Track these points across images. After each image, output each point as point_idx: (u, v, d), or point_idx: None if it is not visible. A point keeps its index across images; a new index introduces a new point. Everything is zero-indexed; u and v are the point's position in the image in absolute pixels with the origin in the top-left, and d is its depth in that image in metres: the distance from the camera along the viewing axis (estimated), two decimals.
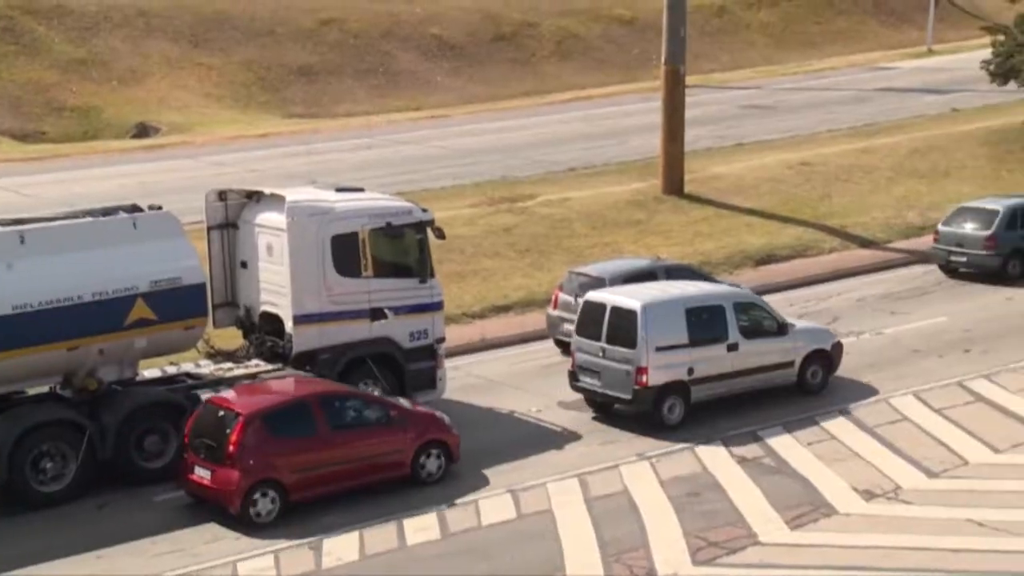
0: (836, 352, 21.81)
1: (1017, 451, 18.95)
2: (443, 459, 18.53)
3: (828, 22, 69.23)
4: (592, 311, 20.72)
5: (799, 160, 35.57)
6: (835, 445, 19.47)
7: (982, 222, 27.68)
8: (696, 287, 21.96)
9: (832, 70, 56.07)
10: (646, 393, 20.00)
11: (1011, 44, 38.00)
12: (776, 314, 21.53)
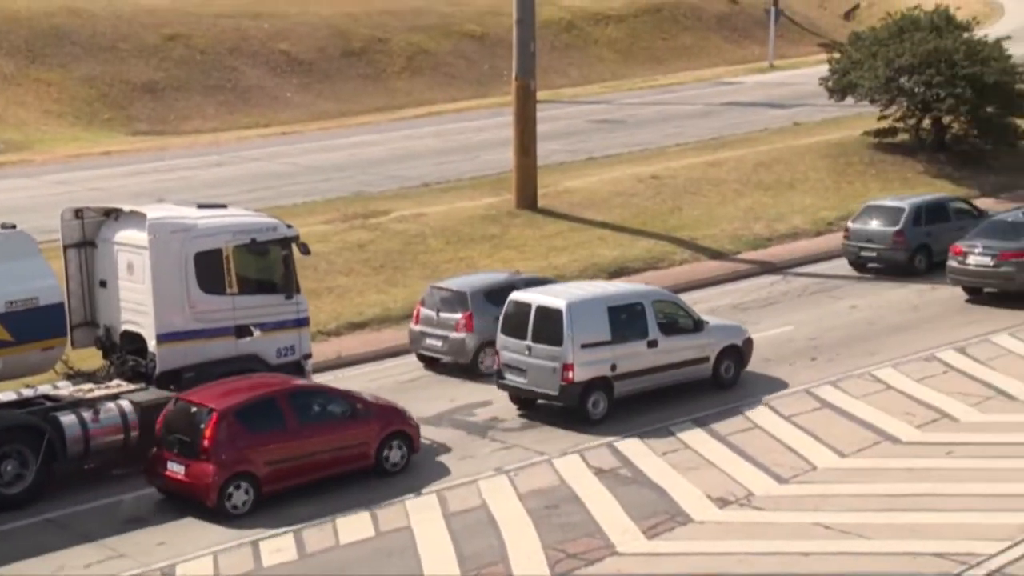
0: (747, 347, 22.74)
1: (862, 455, 19.52)
2: (405, 449, 19.28)
3: (674, 38, 70.64)
4: (517, 311, 21.31)
5: (649, 174, 36.17)
6: (689, 454, 19.80)
7: (890, 219, 29.00)
8: (616, 286, 23.04)
9: (679, 85, 57.19)
10: (572, 389, 20.69)
11: (847, 61, 39.27)
12: (692, 311, 22.39)
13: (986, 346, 23.92)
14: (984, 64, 36.46)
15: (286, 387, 18.92)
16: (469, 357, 23.43)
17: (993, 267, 26.42)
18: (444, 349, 23.68)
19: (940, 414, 20.93)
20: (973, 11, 55.31)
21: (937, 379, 22.46)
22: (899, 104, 37.68)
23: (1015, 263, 26.24)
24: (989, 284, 26.78)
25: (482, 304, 23.47)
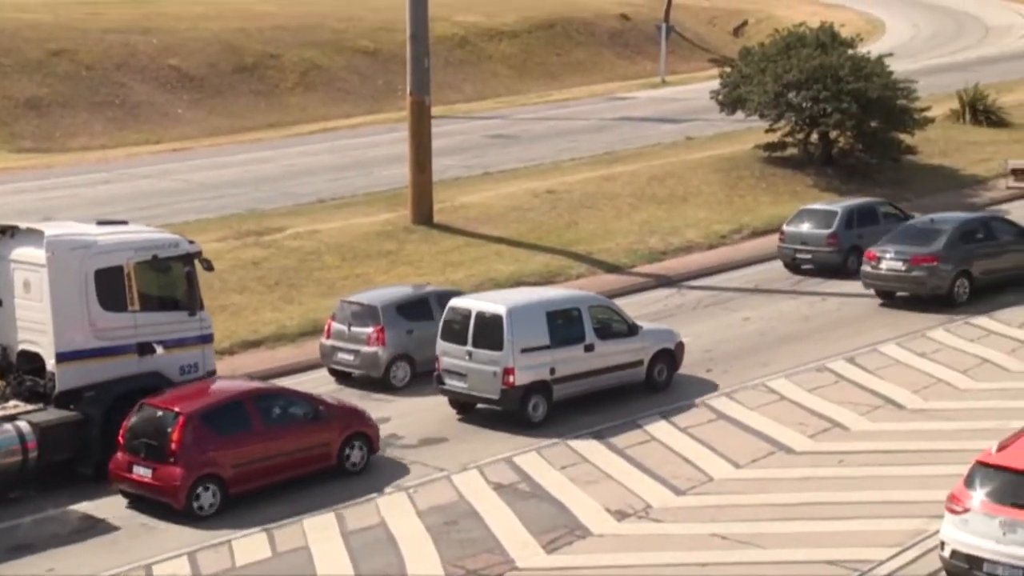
0: (679, 351, 23.39)
1: (756, 466, 19.80)
2: (365, 450, 19.85)
3: (567, 53, 71.15)
4: (457, 317, 21.81)
5: (545, 188, 36.36)
6: (587, 467, 19.90)
7: (823, 222, 30.32)
8: (553, 292, 23.97)
9: (573, 100, 57.61)
10: (513, 393, 21.21)
11: (736, 75, 39.92)
12: (626, 316, 22.98)
13: (874, 356, 24.44)
14: (868, 80, 37.33)
15: (251, 390, 19.53)
16: (381, 370, 23.54)
17: (905, 271, 27.22)
18: (356, 363, 23.76)
19: (832, 423, 21.32)
20: (856, 28, 56.66)
21: (828, 389, 22.89)
22: (788, 118, 38.38)
23: (926, 267, 27.05)
24: (901, 288, 27.58)
25: (393, 317, 23.69)
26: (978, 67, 55.89)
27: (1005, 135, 43.04)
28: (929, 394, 22.39)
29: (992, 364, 23.70)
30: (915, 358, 24.16)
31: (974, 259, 27.49)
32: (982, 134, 42.90)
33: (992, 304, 27.14)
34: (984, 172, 39.25)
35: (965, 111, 43.92)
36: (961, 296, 27.32)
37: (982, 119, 43.74)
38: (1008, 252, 28.08)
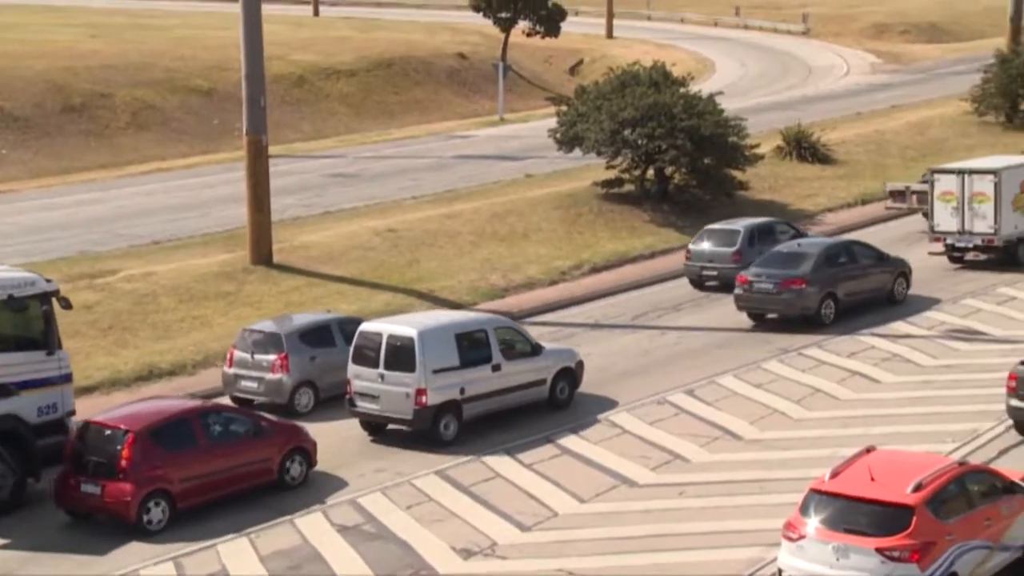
0: (579, 369, 24.47)
1: (601, 500, 20.00)
2: (305, 465, 20.72)
3: (405, 92, 71.30)
4: (368, 341, 22.57)
5: (386, 227, 36.27)
6: (432, 506, 19.83)
7: (727, 240, 32.31)
8: (460, 315, 25.03)
9: (412, 138, 57.70)
10: (425, 413, 22.04)
11: (573, 113, 40.55)
12: (530, 337, 24.10)
13: (713, 388, 24.96)
14: (700, 118, 38.29)
15: (197, 407, 20.32)
16: (286, 397, 24.06)
17: (776, 294, 28.68)
18: (260, 390, 24.21)
19: (673, 455, 21.67)
20: (688, 67, 58.03)
21: (669, 422, 23.28)
22: (624, 155, 39.10)
23: (795, 290, 28.52)
24: (772, 310, 29.06)
25: (297, 345, 24.26)
26: (803, 106, 57.86)
27: (830, 171, 44.59)
28: (765, 424, 22.95)
29: (824, 393, 24.43)
30: (751, 389, 24.76)
31: (839, 281, 29.04)
32: (808, 170, 44.36)
33: (854, 325, 28.47)
34: (811, 207, 40.56)
35: (791, 148, 45.36)
36: (828, 316, 28.69)
37: (808, 156, 45.22)
38: (869, 274, 29.76)
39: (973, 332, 27.71)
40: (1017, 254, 33.31)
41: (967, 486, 16.08)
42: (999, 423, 21.91)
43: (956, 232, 33.09)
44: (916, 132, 50.31)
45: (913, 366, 25.72)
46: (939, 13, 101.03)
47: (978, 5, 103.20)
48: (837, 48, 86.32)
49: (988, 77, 51.02)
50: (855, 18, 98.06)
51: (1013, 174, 33.20)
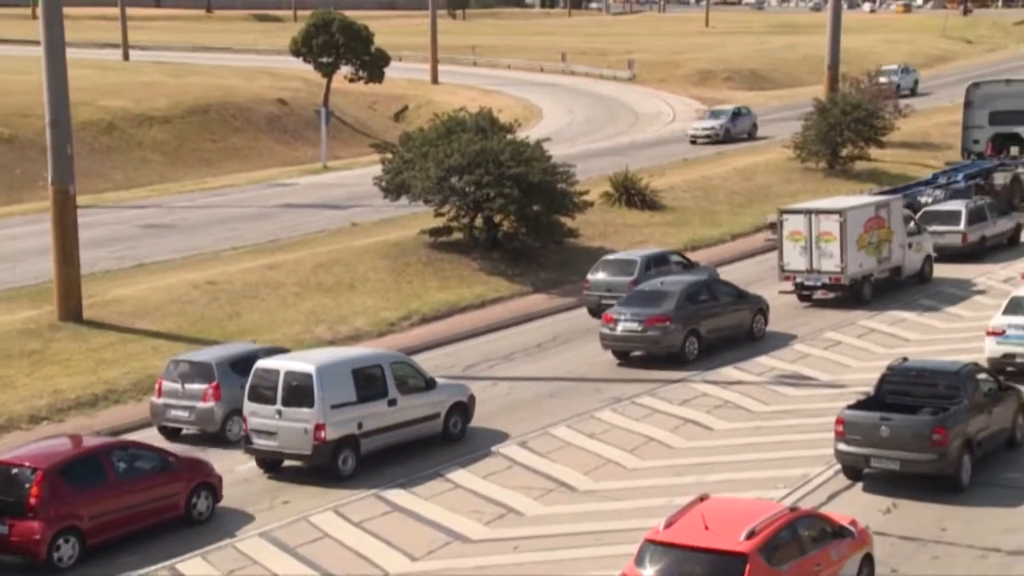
0: (471, 404, 25.51)
1: (433, 557, 19.90)
2: (211, 500, 21.38)
3: (223, 139, 70.51)
4: (265, 378, 23.27)
5: (205, 279, 35.66)
6: (257, 569, 19.46)
7: (624, 270, 34.33)
8: (355, 350, 25.89)
9: (231, 187, 57.00)
10: (324, 448, 22.79)
11: (399, 161, 40.66)
12: (423, 372, 24.98)
13: (546, 439, 25.15)
14: (528, 164, 38.76)
15: (105, 444, 20.89)
16: (218, 425, 25.03)
17: (641, 332, 29.78)
18: (191, 419, 25.25)
19: (506, 509, 21.73)
20: (515, 114, 59.00)
21: (502, 475, 23.35)
22: (452, 203, 39.33)
23: (660, 327, 29.69)
24: (638, 348, 30.10)
25: (227, 374, 25.16)
26: (630, 152, 59.16)
27: (659, 218, 45.63)
28: (599, 475, 23.21)
29: (657, 442, 24.84)
30: (585, 439, 25.02)
31: (701, 319, 30.29)
32: (637, 217, 45.31)
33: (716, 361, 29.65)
34: None
35: (620, 195, 46.29)
36: (691, 353, 29.88)
37: (636, 202, 46.20)
38: (729, 311, 31.10)
39: (802, 377, 28.58)
40: (863, 292, 34.86)
41: (799, 532, 16.53)
42: (828, 468, 22.60)
43: (805, 271, 34.56)
44: (742, 178, 51.90)
45: (745, 412, 26.38)
46: (760, 61, 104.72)
47: (796, 53, 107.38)
48: (663, 94, 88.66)
49: (808, 124, 53.03)
50: (680, 64, 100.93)
51: (857, 214, 34.75)
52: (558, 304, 36.62)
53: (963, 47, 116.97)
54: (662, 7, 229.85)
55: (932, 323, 32.88)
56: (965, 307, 34.23)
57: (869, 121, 52.50)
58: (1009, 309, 27.95)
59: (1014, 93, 51.88)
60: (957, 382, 22.18)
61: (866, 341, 31.30)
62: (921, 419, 21.43)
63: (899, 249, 36.03)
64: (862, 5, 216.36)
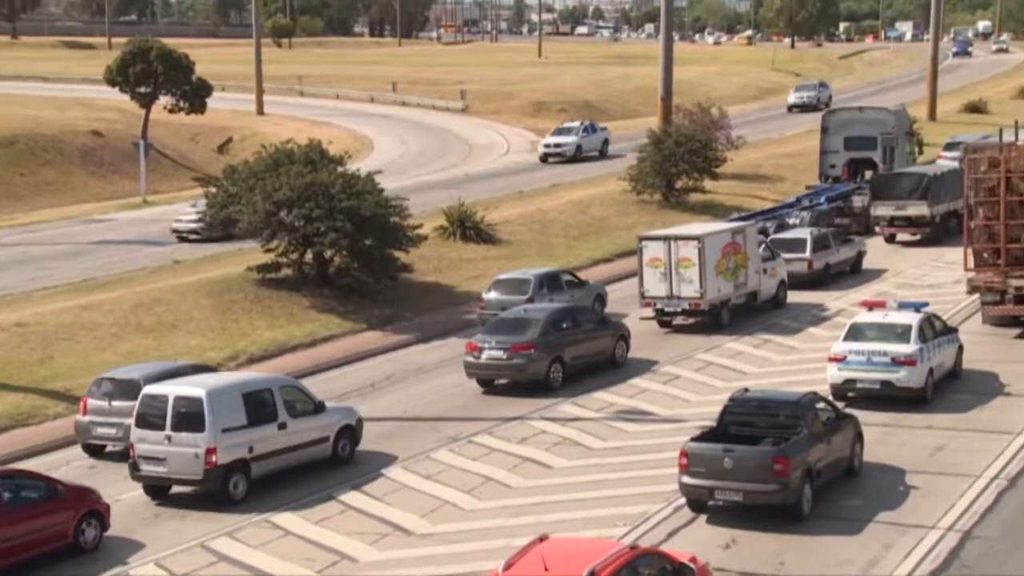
0: (359, 427, 26.30)
1: None
2: (99, 528, 21.61)
3: (33, 173, 68.69)
4: (152, 404, 23.77)
5: (14, 321, 34.60)
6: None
7: (518, 289, 36.11)
8: (245, 374, 26.76)
9: (42, 223, 55.54)
10: (215, 472, 23.32)
11: (224, 195, 40.14)
12: (312, 395, 25.75)
13: (381, 481, 25.02)
14: (360, 197, 38.63)
15: None
16: None
17: (506, 360, 30.52)
18: (119, 436, 25.77)
19: (340, 556, 21.52)
20: (345, 145, 58.81)
21: (335, 519, 23.14)
22: (281, 238, 38.95)
23: (524, 355, 30.46)
24: (503, 376, 30.91)
25: None
26: (465, 184, 59.56)
27: (495, 251, 45.96)
28: (436, 517, 23.17)
29: (496, 482, 24.93)
30: (421, 480, 24.97)
31: (565, 346, 31.14)
32: (473, 251, 45.57)
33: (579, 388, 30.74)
34: (478, 288, 41.56)
35: (455, 228, 46.51)
36: (556, 380, 30.80)
37: (472, 236, 46.47)
38: (592, 338, 32.02)
39: (640, 412, 29.03)
40: (721, 317, 36.13)
41: (639, 570, 16.72)
42: (667, 504, 22.97)
43: (665, 297, 35.75)
44: (578, 211, 52.65)
45: (583, 449, 26.66)
46: (593, 92, 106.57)
47: (630, 84, 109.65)
48: (497, 125, 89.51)
49: (643, 156, 54.14)
50: (513, 95, 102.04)
51: (715, 240, 36.11)
52: (393, 341, 36.55)
53: (792, 79, 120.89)
54: (494, 37, 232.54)
55: (793, 344, 33.73)
56: (802, 338, 35.28)
57: (703, 152, 53.86)
58: (849, 335, 29.05)
59: (867, 120, 56.21)
60: (797, 412, 22.82)
61: (705, 375, 31.97)
62: (763, 450, 21.93)
63: (755, 274, 37.50)
64: (706, 37, 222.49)
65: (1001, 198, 33.10)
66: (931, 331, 29.14)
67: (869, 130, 55.51)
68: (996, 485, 23.28)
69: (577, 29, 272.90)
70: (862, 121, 56.30)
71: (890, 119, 56.53)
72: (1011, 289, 33.35)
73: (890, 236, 48.93)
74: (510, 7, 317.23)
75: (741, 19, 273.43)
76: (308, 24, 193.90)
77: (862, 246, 44.67)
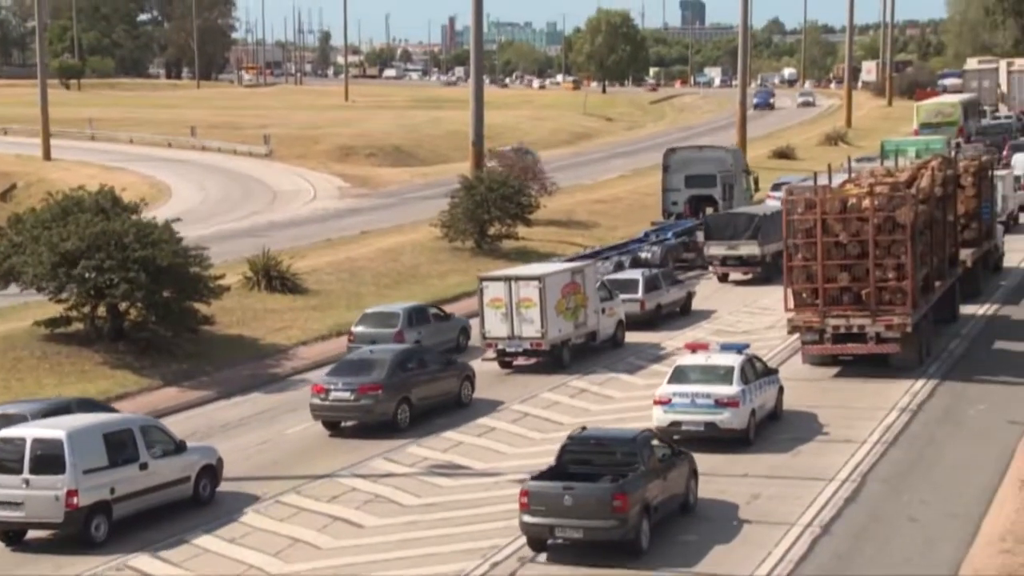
0: (219, 467, 26.93)
1: None
2: None
3: None
4: (7, 448, 23.96)
5: None
6: None
7: (388, 322, 38.09)
8: (105, 415, 26.87)
9: None
10: (76, 515, 23.62)
11: (7, 245, 38.87)
12: (173, 435, 26.27)
13: (183, 548, 24.41)
14: (156, 247, 37.77)
15: None
16: None
17: (354, 401, 31.18)
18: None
19: None
20: (141, 192, 57.72)
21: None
22: (71, 291, 37.82)
23: (372, 396, 31.16)
24: (351, 417, 31.52)
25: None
26: (270, 232, 58.91)
27: (302, 302, 45.50)
28: None
29: (305, 543, 24.53)
30: (226, 545, 24.44)
31: (412, 386, 31.96)
32: (279, 301, 45.03)
33: (427, 429, 31.51)
34: (284, 340, 41.11)
35: (260, 278, 45.92)
36: (404, 421, 31.52)
37: (278, 286, 45.93)
38: (438, 378, 32.91)
39: (455, 467, 28.98)
40: (562, 357, 37.12)
41: None
42: (484, 561, 22.96)
43: (506, 337, 36.62)
44: (389, 259, 52.58)
45: (397, 507, 26.46)
46: (402, 136, 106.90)
47: (440, 129, 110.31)
48: (302, 171, 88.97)
49: (455, 203, 54.48)
50: (319, 140, 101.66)
51: (555, 279, 37.17)
52: (192, 398, 35.81)
53: (604, 124, 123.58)
54: (299, 79, 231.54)
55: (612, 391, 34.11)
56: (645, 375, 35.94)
57: (516, 198, 54.46)
58: (674, 378, 29.88)
59: (706, 158, 59.73)
60: (634, 449, 23.64)
61: (520, 426, 32.12)
62: (602, 486, 22.73)
63: (594, 314, 38.55)
64: (532, 82, 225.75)
65: (818, 239, 34.26)
66: (753, 372, 30.18)
67: (709, 168, 58.66)
68: (811, 532, 23.89)
69: (385, 72, 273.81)
70: (702, 159, 59.46)
71: (728, 157, 60.00)
72: (829, 328, 34.48)
73: (723, 275, 50.78)
74: (314, 48, 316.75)
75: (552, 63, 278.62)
76: (99, 64, 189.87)
77: (691, 287, 46.22)
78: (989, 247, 46.78)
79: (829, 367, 36.04)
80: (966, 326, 40.77)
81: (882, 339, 34.12)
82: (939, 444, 29.18)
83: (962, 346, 38.50)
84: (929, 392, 33.34)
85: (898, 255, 33.93)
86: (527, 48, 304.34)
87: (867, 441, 29.14)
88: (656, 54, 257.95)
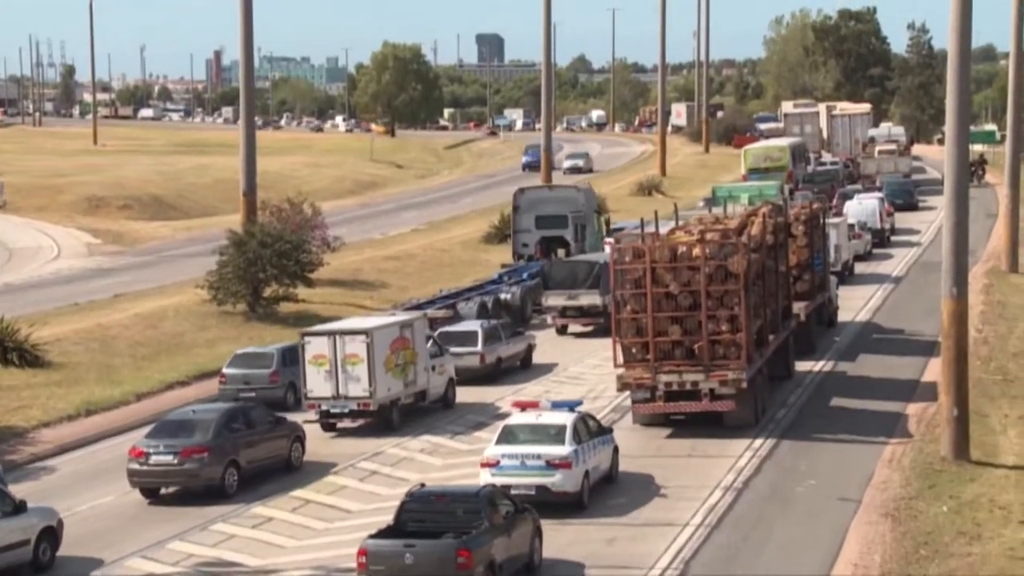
0: (60, 528, 27.37)
1: None
2: None
3: None
4: None
5: None
6: None
7: (262, 363, 40.27)
8: None
9: None
10: None
11: None
12: (11, 494, 26.79)
13: None
14: None
15: None
16: None
17: (177, 465, 31.52)
18: None
19: None
20: None
21: None
22: None
23: (197, 459, 31.55)
24: (174, 482, 31.94)
25: None
26: (5, 296, 57.34)
27: (43, 377, 44.24)
28: None
29: None
30: None
31: (240, 448, 32.51)
32: (15, 377, 43.73)
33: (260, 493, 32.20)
34: (23, 422, 39.79)
35: None
36: (232, 486, 32.03)
37: (14, 359, 44.63)
38: (267, 439, 33.57)
39: (226, 563, 28.40)
40: (392, 418, 37.40)
41: None
42: None
43: (331, 397, 36.82)
44: (148, 326, 51.53)
45: None
46: (163, 185, 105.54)
47: (206, 177, 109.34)
48: (44, 225, 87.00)
49: (224, 261, 53.54)
50: (63, 189, 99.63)
51: (384, 334, 37.33)
52: None
53: (394, 172, 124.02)
54: (38, 120, 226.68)
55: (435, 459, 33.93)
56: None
57: (294, 255, 53.96)
58: (502, 438, 30.29)
59: (557, 198, 62.36)
60: (476, 505, 24.48)
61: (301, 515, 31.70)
62: (445, 543, 23.52)
63: (424, 372, 38.85)
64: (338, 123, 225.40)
65: (647, 290, 34.83)
66: (587, 431, 30.78)
67: (560, 208, 61.07)
68: None
69: (141, 112, 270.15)
70: (552, 200, 61.97)
71: (579, 197, 62.09)
72: (661, 385, 35.08)
73: (562, 327, 51.62)
74: (56, 84, 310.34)
75: (333, 103, 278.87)
76: None
77: (532, 339, 47.00)
78: (823, 300, 48.28)
79: (663, 426, 36.51)
80: (801, 384, 41.86)
81: (716, 396, 34.92)
82: (768, 523, 29.66)
83: (799, 402, 39.73)
84: (755, 468, 33.87)
85: (731, 306, 34.75)
86: (305, 86, 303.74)
87: (689, 524, 29.42)
88: (451, 93, 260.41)
